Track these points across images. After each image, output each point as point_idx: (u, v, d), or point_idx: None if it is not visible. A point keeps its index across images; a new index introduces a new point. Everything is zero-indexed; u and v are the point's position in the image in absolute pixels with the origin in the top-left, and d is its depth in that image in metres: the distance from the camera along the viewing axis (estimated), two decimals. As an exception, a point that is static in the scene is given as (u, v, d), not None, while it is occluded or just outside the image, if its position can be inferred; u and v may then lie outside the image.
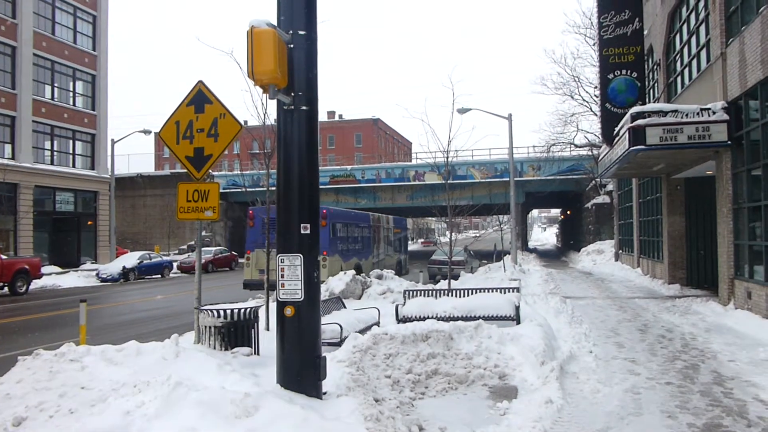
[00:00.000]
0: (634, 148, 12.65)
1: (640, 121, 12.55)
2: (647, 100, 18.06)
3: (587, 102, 34.84)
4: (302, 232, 6.16)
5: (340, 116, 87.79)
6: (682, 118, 12.28)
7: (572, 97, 35.13)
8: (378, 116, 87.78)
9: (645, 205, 21.44)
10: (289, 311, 6.03)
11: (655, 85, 18.14)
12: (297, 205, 6.10)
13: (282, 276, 6.03)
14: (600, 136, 23.11)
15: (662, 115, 12.45)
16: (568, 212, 56.36)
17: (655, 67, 18.13)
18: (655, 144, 12.43)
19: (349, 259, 22.10)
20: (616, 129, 15.03)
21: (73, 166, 29.59)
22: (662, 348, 9.17)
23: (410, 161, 69.18)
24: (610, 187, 33.23)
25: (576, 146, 37.26)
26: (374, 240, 26.15)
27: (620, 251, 28.04)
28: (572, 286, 19.74)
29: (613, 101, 17.14)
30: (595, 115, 33.52)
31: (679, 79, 16.00)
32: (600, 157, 18.47)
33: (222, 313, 7.88)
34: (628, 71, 17.47)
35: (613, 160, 15.07)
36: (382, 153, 79.48)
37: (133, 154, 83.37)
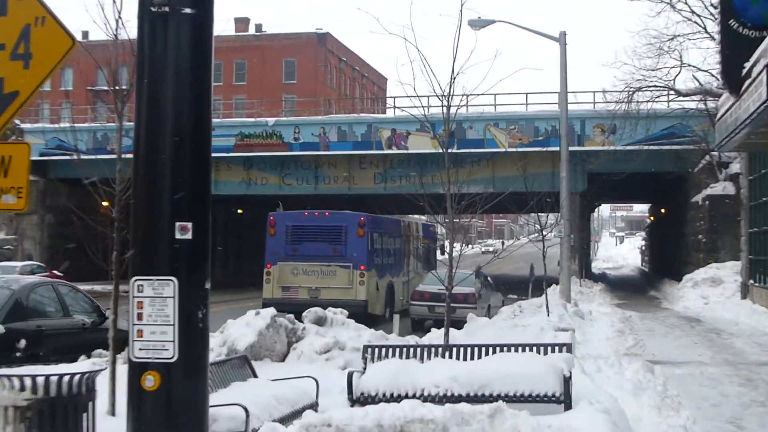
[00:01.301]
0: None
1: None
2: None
3: (698, 16, 35.43)
4: (178, 236, 6.13)
5: (259, 28, 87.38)
6: None
7: (672, 6, 35.63)
8: (326, 29, 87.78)
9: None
10: (150, 380, 5.99)
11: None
12: (169, 186, 6.06)
13: (138, 317, 5.99)
14: (719, 77, 23.54)
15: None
16: (662, 210, 57.45)
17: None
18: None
19: (383, 277, 29.72)
20: (747, 65, 15.29)
21: None
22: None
23: (383, 113, 69.48)
24: (735, 167, 33.94)
25: (679, 94, 38.02)
26: (405, 254, 33.81)
27: (751, 282, 28.64)
28: (666, 342, 20.10)
29: (742, 16, 17.33)
30: (712, 39, 34.13)
31: None
32: (719, 115, 18.80)
33: (29, 382, 7.79)
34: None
35: (742, 119, 15.36)
36: (333, 97, 79.48)
37: None
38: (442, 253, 43.91)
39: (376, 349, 11.86)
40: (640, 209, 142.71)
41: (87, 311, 15.40)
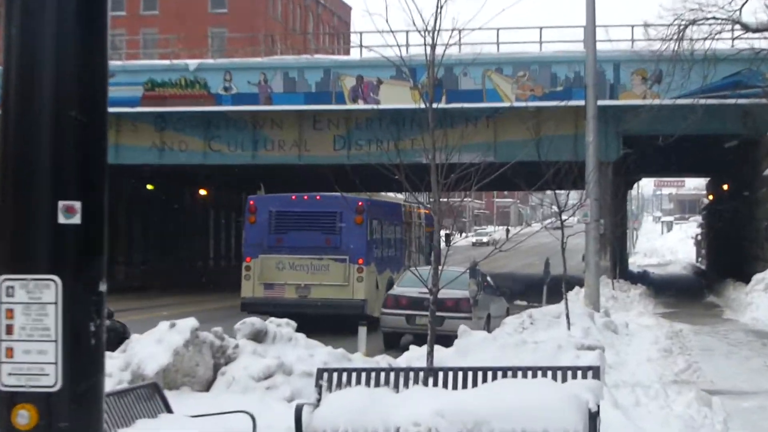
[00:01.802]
0: None
1: None
2: None
3: None
4: (62, 220, 6.14)
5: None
6: None
7: None
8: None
9: None
10: (24, 416, 6.01)
11: None
12: (48, 152, 6.06)
13: (8, 330, 5.99)
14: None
15: None
16: (724, 187, 57.68)
17: None
18: None
19: (383, 272, 32.61)
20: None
21: None
22: None
23: (346, 55, 69.17)
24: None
25: (747, 29, 38.11)
26: (406, 245, 37.11)
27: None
28: (728, 365, 20.26)
29: None
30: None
31: None
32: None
33: None
34: None
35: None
36: (278, 31, 79.26)
37: None
38: (448, 244, 47.07)
39: (335, 374, 11.87)
40: (695, 185, 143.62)
41: None
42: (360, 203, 31.37)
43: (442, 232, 14.80)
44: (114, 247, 51.14)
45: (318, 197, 31.69)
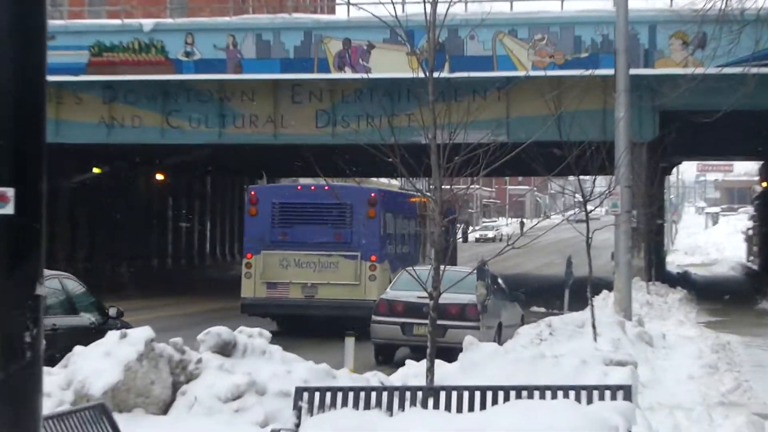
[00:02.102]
0: None
1: None
2: None
3: None
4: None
5: None
6: None
7: None
8: None
9: None
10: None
11: None
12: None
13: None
14: None
15: None
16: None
17: None
18: None
19: (396, 269, 33.15)
20: None
21: None
22: None
23: (331, 13, 69.06)
24: None
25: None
26: (420, 239, 39.08)
27: None
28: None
29: None
30: None
31: None
32: None
33: None
34: None
35: None
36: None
37: None
38: (464, 239, 49.15)
39: (317, 394, 11.88)
40: (745, 170, 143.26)
41: (90, 309, 20.94)
42: (372, 194, 33.48)
43: (456, 225, 14.88)
44: (53, 242, 51.03)
45: (326, 187, 32.47)
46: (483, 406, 11.66)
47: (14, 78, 5.84)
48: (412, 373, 17.86)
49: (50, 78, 6.00)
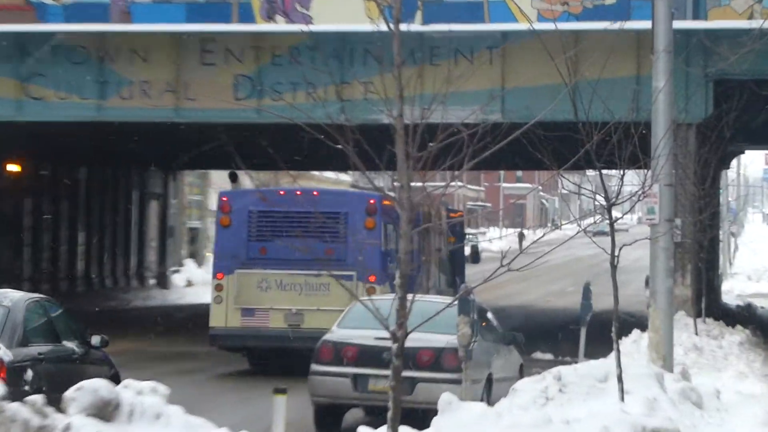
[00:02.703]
0: None
1: None
2: None
3: None
4: None
5: None
6: None
7: None
8: None
9: None
10: None
11: None
12: None
13: None
14: None
15: None
16: None
17: None
18: None
19: None
20: None
21: None
22: None
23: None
24: None
25: None
26: (421, 257, 40.66)
27: None
28: None
29: None
30: None
31: None
32: None
33: None
34: None
35: None
36: None
37: None
38: (475, 259, 53.01)
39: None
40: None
41: (71, 336, 23.28)
42: (371, 201, 35.33)
43: (432, 235, 14.97)
44: None
45: (315, 193, 35.69)
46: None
47: None
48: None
49: None
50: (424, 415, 19.79)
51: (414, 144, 13.76)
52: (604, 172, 22.07)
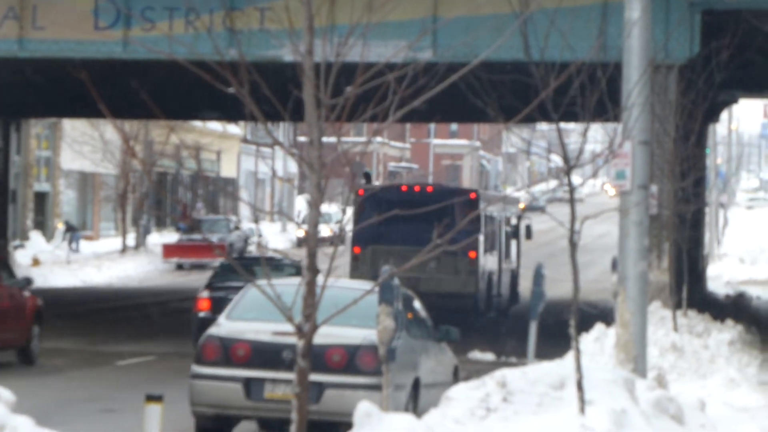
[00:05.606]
0: None
1: None
2: None
3: None
4: None
5: None
6: None
7: None
8: None
9: None
10: None
11: None
12: None
13: None
14: None
15: None
16: None
17: None
18: None
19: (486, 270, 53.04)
20: None
21: None
22: None
23: None
24: None
25: None
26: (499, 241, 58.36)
27: None
28: None
29: None
30: None
31: None
32: None
33: None
34: None
35: None
36: None
37: None
38: (528, 236, 64.18)
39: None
40: None
41: None
42: (473, 195, 52.91)
43: (329, 205, 15.01)
44: None
45: (429, 188, 50.01)
46: None
47: None
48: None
49: None
50: (333, 429, 19.86)
51: (326, 88, 13.83)
52: (562, 126, 22.18)
